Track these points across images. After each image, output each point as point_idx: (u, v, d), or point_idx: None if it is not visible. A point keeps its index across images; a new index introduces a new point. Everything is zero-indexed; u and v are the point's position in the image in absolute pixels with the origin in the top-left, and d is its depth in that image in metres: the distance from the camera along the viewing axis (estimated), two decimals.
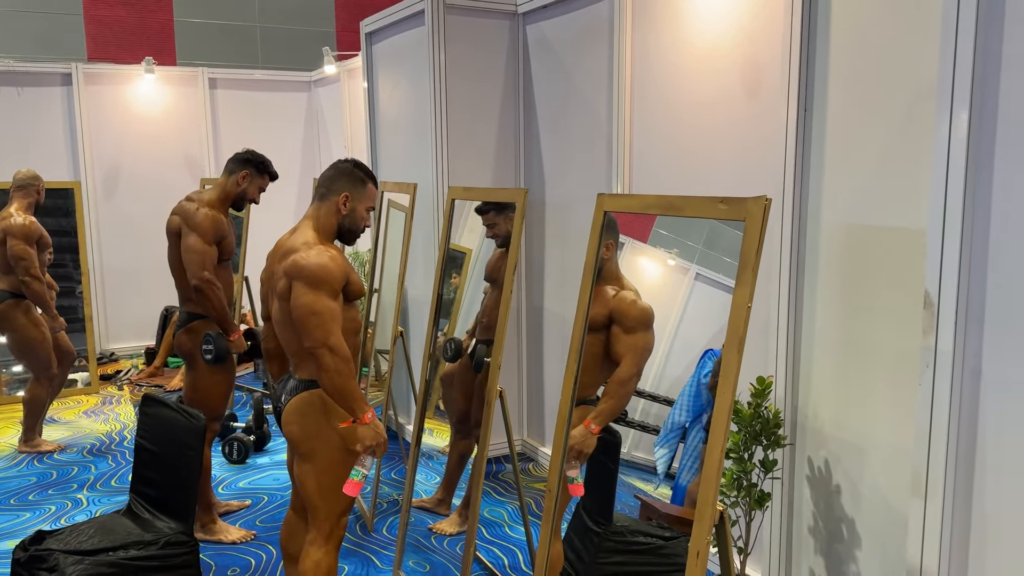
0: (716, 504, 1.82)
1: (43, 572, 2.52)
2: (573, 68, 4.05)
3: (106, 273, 7.00)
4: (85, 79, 6.81)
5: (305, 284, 2.35)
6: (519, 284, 4.55)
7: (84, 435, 5.09)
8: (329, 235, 2.55)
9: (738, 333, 1.78)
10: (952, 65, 1.97)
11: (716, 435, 1.80)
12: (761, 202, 1.77)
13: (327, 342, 2.34)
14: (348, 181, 2.56)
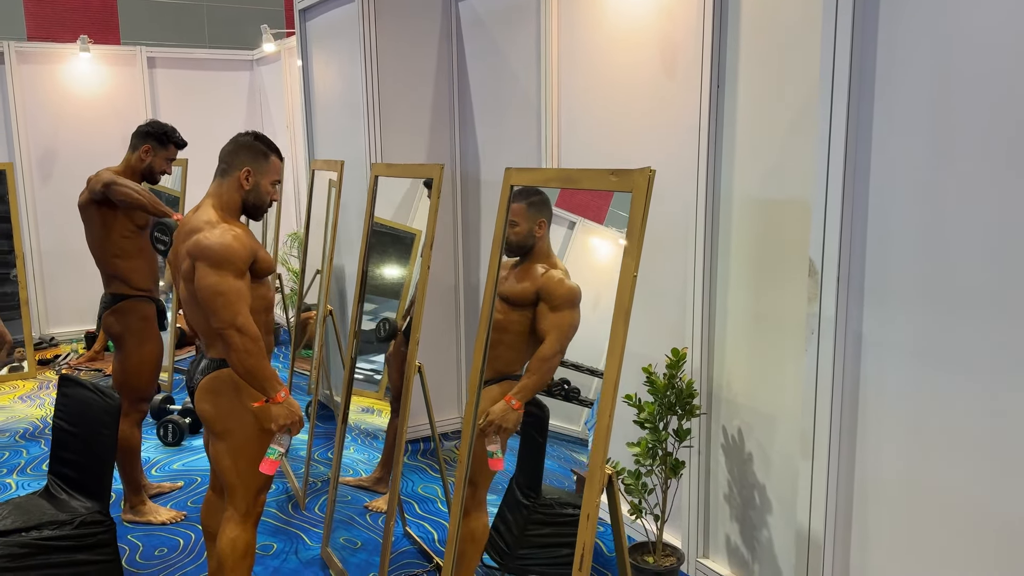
0: (604, 468, 1.86)
1: None
2: (504, 45, 4.06)
3: (44, 257, 6.87)
4: (18, 58, 6.64)
5: (208, 264, 2.33)
6: (456, 261, 4.57)
7: (18, 420, 5.01)
8: (234, 212, 2.52)
9: (624, 303, 1.82)
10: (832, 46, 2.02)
11: (604, 403, 1.84)
12: (646, 173, 1.80)
13: (234, 322, 2.33)
14: (249, 155, 2.52)
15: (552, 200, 2.58)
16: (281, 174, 2.61)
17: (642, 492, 2.84)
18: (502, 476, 3.41)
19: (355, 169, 4.30)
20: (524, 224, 2.49)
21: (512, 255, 2.61)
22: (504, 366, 2.66)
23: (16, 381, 5.85)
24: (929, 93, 1.94)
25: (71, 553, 2.63)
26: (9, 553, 2.52)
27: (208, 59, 7.45)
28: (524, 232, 2.52)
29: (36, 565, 2.57)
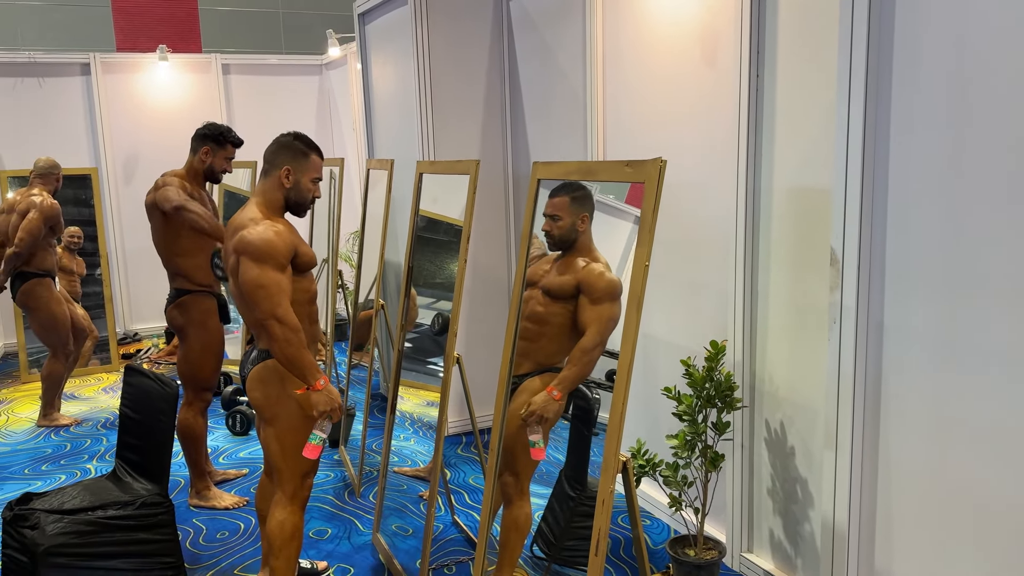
0: (619, 455, 1.88)
1: (26, 529, 2.69)
2: (552, 42, 4.09)
3: (128, 256, 7.26)
4: (103, 68, 7.03)
5: (250, 259, 2.45)
6: (509, 255, 4.62)
7: (101, 410, 5.33)
8: (277, 210, 2.63)
9: (637, 292, 1.83)
10: (850, 30, 1.98)
11: (618, 389, 1.86)
12: (657, 163, 1.81)
13: (275, 313, 2.45)
14: (289, 154, 2.63)
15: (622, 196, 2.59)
16: (321, 171, 2.70)
17: (681, 485, 2.83)
18: (551, 466, 3.46)
19: (411, 167, 4.40)
20: (567, 218, 2.50)
21: (555, 249, 2.63)
22: (545, 358, 2.69)
23: (100, 373, 6.22)
24: (947, 83, 1.89)
25: (132, 532, 2.80)
26: (76, 530, 2.70)
27: (280, 64, 7.72)
28: (567, 226, 2.53)
29: (100, 542, 2.74)
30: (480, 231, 4.48)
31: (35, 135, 6.68)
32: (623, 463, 1.90)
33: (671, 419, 3.07)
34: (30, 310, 4.92)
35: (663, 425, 3.41)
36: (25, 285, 4.85)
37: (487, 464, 2.51)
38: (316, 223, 5.69)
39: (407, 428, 4.71)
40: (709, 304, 3.13)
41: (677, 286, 3.31)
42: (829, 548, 2.18)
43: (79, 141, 7.03)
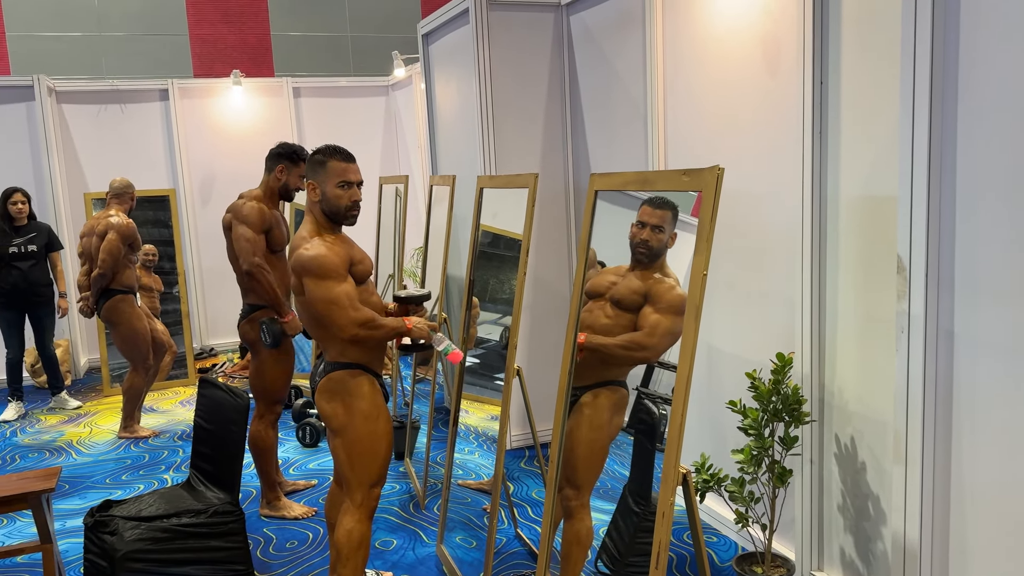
0: (679, 467, 1.86)
1: (106, 535, 2.81)
2: (612, 54, 4.09)
3: (205, 274, 7.52)
4: (180, 94, 7.34)
5: (313, 277, 2.53)
6: (570, 268, 4.62)
7: (178, 422, 5.52)
8: (325, 225, 2.68)
9: (695, 300, 1.81)
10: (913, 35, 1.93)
11: (677, 399, 1.84)
12: (714, 172, 1.80)
13: (355, 322, 2.53)
14: (310, 168, 2.68)
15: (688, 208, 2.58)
16: (350, 174, 2.65)
17: (747, 500, 2.77)
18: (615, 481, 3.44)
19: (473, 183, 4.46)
20: (669, 232, 2.48)
21: (644, 260, 2.59)
22: (606, 371, 2.68)
23: (178, 387, 6.45)
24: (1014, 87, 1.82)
25: (205, 539, 2.89)
26: (152, 536, 2.81)
27: (348, 87, 7.92)
28: (664, 240, 2.48)
29: (174, 548, 2.84)
30: (541, 244, 4.50)
31: (117, 159, 7.01)
32: (683, 475, 1.87)
33: (736, 433, 3.01)
34: (113, 325, 5.14)
35: (728, 439, 3.35)
36: (109, 301, 5.08)
37: (547, 477, 2.50)
38: (381, 239, 5.81)
39: (471, 441, 4.74)
40: (775, 315, 3.07)
41: (741, 297, 3.26)
42: (900, 567, 2.10)
43: (158, 164, 7.34)
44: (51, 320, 5.76)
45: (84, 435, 5.34)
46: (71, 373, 6.70)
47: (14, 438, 5.34)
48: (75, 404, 5.96)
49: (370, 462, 2.71)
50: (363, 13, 8.61)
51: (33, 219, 5.70)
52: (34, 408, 5.98)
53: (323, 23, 8.52)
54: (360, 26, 8.62)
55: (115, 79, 7.38)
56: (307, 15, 8.46)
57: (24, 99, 6.65)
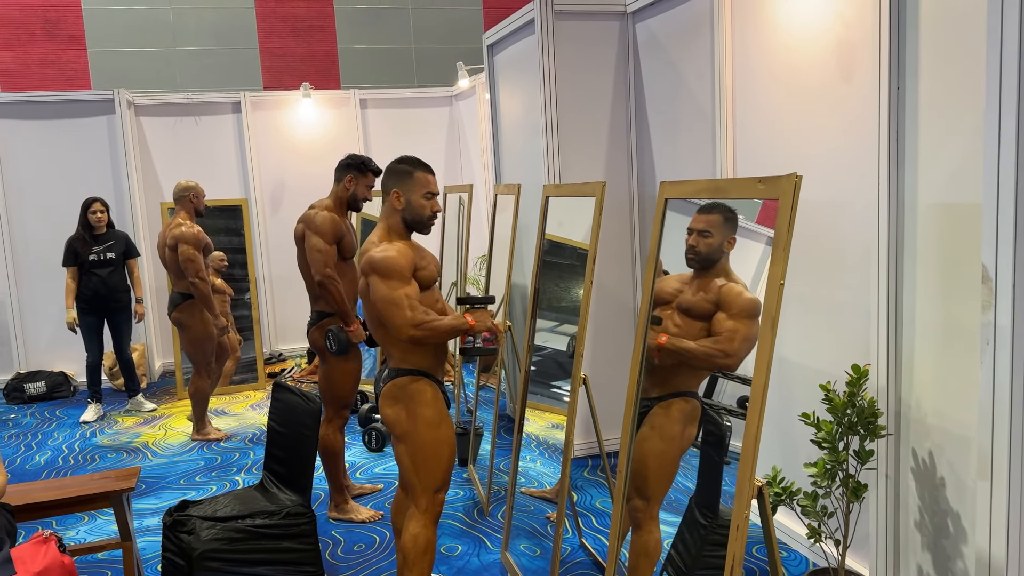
0: (754, 479, 1.83)
1: (183, 534, 2.90)
2: (679, 61, 4.07)
3: (275, 282, 7.71)
4: (252, 106, 7.55)
5: (378, 277, 2.59)
6: (635, 278, 4.59)
7: (249, 426, 5.67)
8: (397, 232, 2.75)
9: (771, 311, 1.79)
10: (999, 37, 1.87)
11: (752, 410, 1.81)
12: (792, 179, 1.77)
13: (412, 323, 2.57)
14: (395, 177, 2.74)
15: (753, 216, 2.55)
16: (433, 186, 2.76)
17: (820, 515, 2.71)
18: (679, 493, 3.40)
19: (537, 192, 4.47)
20: (718, 236, 2.43)
21: (694, 266, 2.57)
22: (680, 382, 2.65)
23: (248, 391, 6.62)
24: None
25: (277, 540, 2.96)
26: (227, 536, 2.88)
27: (412, 98, 8.04)
28: (715, 245, 2.45)
29: (248, 549, 2.91)
30: (605, 253, 4.48)
31: (191, 169, 7.24)
32: (758, 488, 1.84)
33: (809, 446, 2.94)
34: (184, 328, 5.30)
35: (800, 452, 3.28)
36: (182, 304, 5.25)
37: (615, 488, 2.49)
38: (445, 247, 5.86)
39: (533, 449, 4.74)
40: (849, 326, 3.00)
41: (814, 307, 3.19)
42: None
43: (231, 174, 7.57)
44: (128, 325, 5.98)
45: (159, 437, 5.52)
46: (146, 376, 6.93)
47: (93, 439, 5.55)
48: (150, 406, 6.16)
49: (434, 468, 2.74)
50: (427, 25, 8.74)
51: (112, 227, 5.94)
52: (112, 410, 6.21)
53: (388, 35, 8.67)
54: (424, 38, 8.75)
55: (189, 92, 7.64)
56: (372, 28, 8.62)
57: (105, 112, 6.93)
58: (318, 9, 8.51)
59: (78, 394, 6.76)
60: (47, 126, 6.86)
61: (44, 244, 6.68)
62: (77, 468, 4.95)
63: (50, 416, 6.20)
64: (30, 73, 7.82)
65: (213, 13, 8.20)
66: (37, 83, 7.79)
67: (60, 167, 6.86)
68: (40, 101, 6.87)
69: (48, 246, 6.56)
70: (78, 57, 7.97)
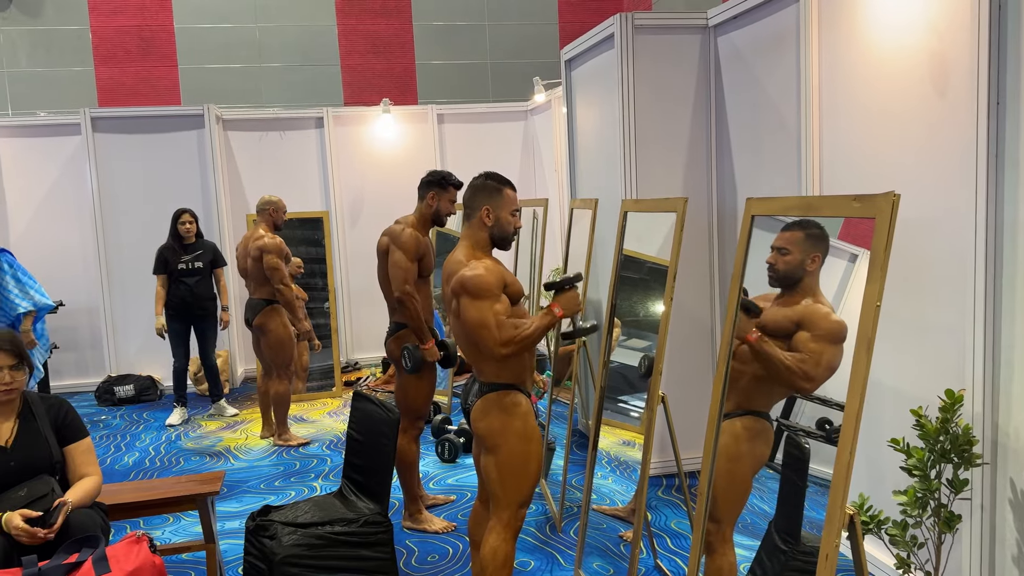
0: (845, 508, 1.77)
1: (265, 539, 2.97)
2: (763, 75, 4.00)
3: (352, 293, 7.87)
4: (334, 121, 7.76)
5: (469, 297, 2.61)
6: (712, 296, 4.52)
7: (326, 432, 5.79)
8: (484, 248, 2.78)
9: (867, 333, 1.74)
10: None
11: (845, 436, 1.76)
12: (890, 198, 1.72)
13: (501, 342, 2.59)
14: (485, 194, 2.78)
15: (835, 232, 2.48)
16: (517, 203, 2.82)
17: (910, 545, 2.60)
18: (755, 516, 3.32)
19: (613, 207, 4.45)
20: (797, 254, 2.37)
21: (776, 285, 2.50)
22: (747, 400, 2.60)
23: (325, 399, 6.76)
24: None
25: (355, 548, 3.01)
26: (307, 543, 2.95)
27: (488, 112, 8.13)
28: (795, 263, 2.39)
29: (327, 555, 2.97)
30: (682, 269, 4.41)
31: (276, 182, 7.46)
32: (850, 517, 1.79)
33: (898, 473, 2.83)
34: (264, 332, 5.47)
35: (888, 479, 3.16)
36: (265, 309, 5.42)
37: (696, 508, 2.45)
38: (519, 260, 5.89)
39: (604, 466, 4.70)
40: (942, 349, 2.88)
41: (903, 328, 3.08)
42: None
43: (312, 187, 7.78)
44: (213, 332, 6.19)
45: (240, 441, 5.69)
46: (228, 382, 7.15)
47: (178, 441, 5.75)
48: (232, 411, 6.36)
49: (521, 482, 2.75)
50: (502, 41, 8.83)
51: (200, 238, 6.17)
52: (196, 414, 6.43)
53: (464, 51, 8.78)
54: (499, 53, 8.84)
55: (274, 107, 7.90)
56: (449, 44, 8.75)
57: (195, 127, 7.22)
58: (398, 26, 8.69)
59: (164, 398, 7.02)
60: (142, 140, 7.18)
61: (136, 253, 6.97)
62: (163, 470, 5.14)
63: (138, 418, 6.46)
64: (124, 89, 8.21)
65: (297, 30, 8.45)
66: (131, 99, 8.16)
67: (152, 179, 7.17)
68: (136, 116, 7.21)
69: (139, 255, 6.83)
70: (169, 73, 8.32)
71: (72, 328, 7.24)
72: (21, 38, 7.95)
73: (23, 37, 7.96)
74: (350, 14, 8.53)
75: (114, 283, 7.16)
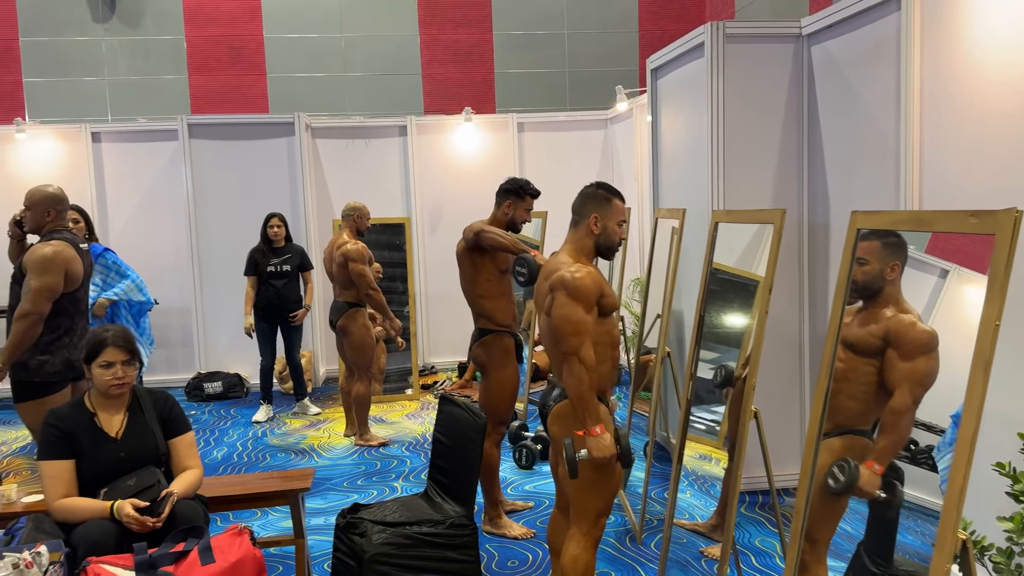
0: (957, 533, 1.72)
1: (355, 536, 3.04)
2: (860, 86, 3.91)
3: (430, 298, 7.99)
4: (417, 129, 7.90)
5: (565, 294, 2.63)
6: (801, 310, 4.42)
7: (405, 434, 5.89)
8: (588, 254, 2.80)
9: (984, 353, 1.68)
10: None
11: (959, 460, 1.71)
12: (1011, 215, 1.66)
13: (578, 351, 2.59)
14: (595, 203, 2.79)
15: (922, 246, 2.42)
16: (625, 214, 2.84)
17: (1015, 574, 2.50)
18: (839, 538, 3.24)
19: (697, 217, 4.41)
20: (875, 264, 2.34)
21: (856, 296, 2.46)
22: (845, 419, 2.54)
23: (404, 401, 6.88)
24: None
25: (441, 549, 3.05)
26: (396, 542, 3.01)
27: (568, 121, 8.15)
28: (874, 273, 2.37)
29: (414, 555, 3.02)
30: None
31: (360, 188, 7.64)
32: (962, 542, 1.73)
33: (1002, 498, 2.72)
34: (347, 334, 5.60)
35: (992, 504, 3.04)
36: (348, 311, 5.56)
37: (792, 528, 2.41)
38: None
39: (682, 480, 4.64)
40: None
41: (1011, 348, 2.96)
42: None
43: (394, 194, 7.94)
44: (299, 333, 6.37)
45: (323, 440, 5.83)
46: (311, 382, 7.34)
47: (264, 438, 5.93)
48: (315, 410, 6.53)
49: (601, 491, 2.74)
50: (581, 49, 8.84)
51: (289, 241, 6.36)
52: (280, 412, 6.62)
53: (542, 60, 8.83)
54: (577, 62, 8.85)
55: (357, 115, 8.09)
56: (528, 53, 8.81)
57: (285, 134, 7.45)
58: (479, 36, 8.79)
59: (250, 395, 7.25)
60: (235, 146, 7.45)
61: (226, 255, 7.22)
62: (250, 465, 5.31)
63: (225, 414, 6.69)
64: (215, 97, 8.53)
65: (381, 40, 8.64)
66: (221, 106, 8.47)
67: (244, 184, 7.43)
68: (230, 123, 7.48)
69: (229, 258, 7.08)
70: (258, 82, 8.61)
71: (164, 326, 7.54)
72: (121, 47, 8.36)
73: (123, 47, 8.36)
74: (432, 24, 8.68)
75: (205, 283, 7.44)
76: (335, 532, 3.21)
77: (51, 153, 7.58)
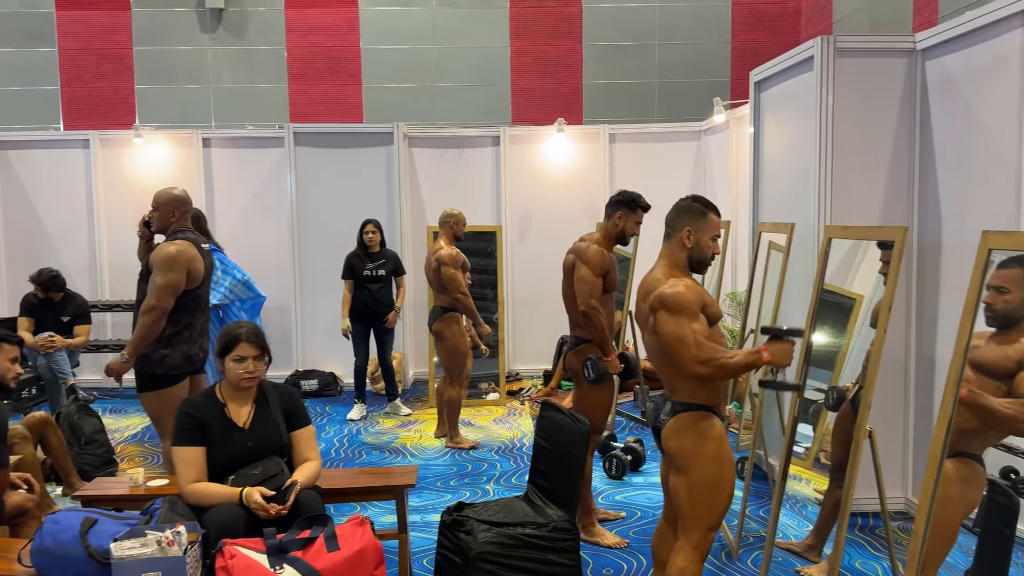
0: None
1: (461, 533, 3.13)
2: (976, 101, 3.82)
3: (517, 305, 8.08)
4: (510, 140, 8.02)
5: (667, 312, 2.66)
6: (908, 330, 4.33)
7: (494, 439, 5.98)
8: (682, 268, 2.82)
9: None
10: None
11: None
12: None
13: (699, 359, 2.61)
14: (689, 216, 2.81)
15: None
16: (719, 229, 2.85)
17: None
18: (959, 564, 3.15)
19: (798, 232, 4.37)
20: (1018, 292, 2.31)
21: (995, 325, 2.43)
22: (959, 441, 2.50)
23: (491, 406, 6.98)
24: None
25: (543, 552, 3.11)
26: (501, 541, 3.08)
27: (659, 132, 8.14)
28: (1016, 302, 2.34)
29: (518, 556, 3.08)
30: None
31: (453, 196, 7.78)
32: None
33: None
34: (442, 339, 5.74)
35: None
36: (443, 316, 5.69)
37: (909, 549, 2.38)
38: None
39: None
40: None
41: None
42: None
43: (485, 202, 8.07)
44: (391, 335, 6.56)
45: (415, 440, 5.98)
46: (402, 383, 7.52)
47: (359, 436, 6.12)
48: (406, 411, 6.70)
49: (712, 505, 2.75)
50: (671, 60, 8.82)
51: (384, 247, 6.55)
52: (373, 411, 6.81)
53: (631, 71, 8.84)
54: (668, 73, 8.83)
55: (449, 125, 8.27)
56: (616, 64, 8.84)
57: (383, 143, 7.67)
58: (568, 47, 8.86)
59: (343, 393, 7.48)
60: (335, 154, 7.72)
61: (324, 259, 7.47)
62: (347, 461, 5.49)
63: (321, 411, 6.92)
64: (313, 106, 8.83)
65: (473, 51, 8.80)
66: (319, 115, 8.77)
67: (343, 190, 7.68)
68: (332, 132, 7.76)
69: (327, 261, 7.32)
70: (354, 92, 8.87)
71: (264, 323, 7.79)
72: (227, 57, 8.75)
73: (228, 56, 8.75)
74: (523, 35, 8.79)
75: (305, 286, 7.71)
76: (440, 528, 3.30)
77: (164, 157, 8.00)
